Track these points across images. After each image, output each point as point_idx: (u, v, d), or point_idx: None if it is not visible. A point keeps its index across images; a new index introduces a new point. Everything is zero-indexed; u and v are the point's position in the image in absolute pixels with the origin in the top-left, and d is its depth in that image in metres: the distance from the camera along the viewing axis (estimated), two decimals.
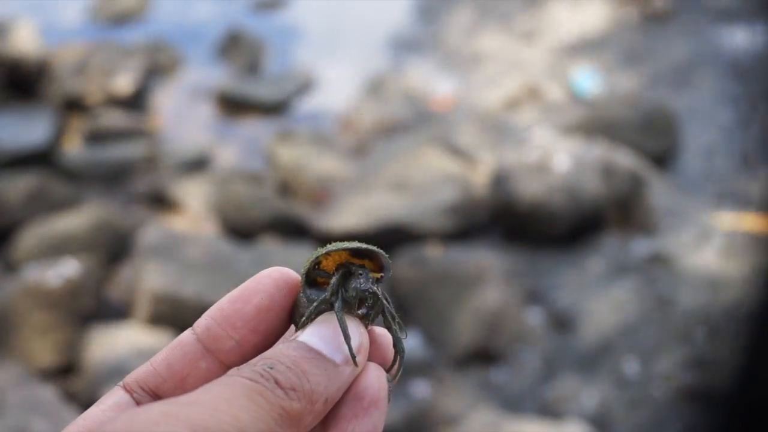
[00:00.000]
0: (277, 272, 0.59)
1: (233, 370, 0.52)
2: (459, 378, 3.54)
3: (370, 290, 0.58)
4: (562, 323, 3.72)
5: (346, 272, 0.59)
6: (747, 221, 4.27)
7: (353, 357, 0.55)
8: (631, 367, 3.46)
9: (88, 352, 3.42)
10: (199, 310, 0.59)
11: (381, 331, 0.60)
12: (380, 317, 0.59)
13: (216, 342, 0.57)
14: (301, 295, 0.59)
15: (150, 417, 0.45)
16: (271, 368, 0.51)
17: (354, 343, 0.55)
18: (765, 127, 5.17)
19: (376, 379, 0.55)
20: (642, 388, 3.37)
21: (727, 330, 3.46)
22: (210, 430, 0.45)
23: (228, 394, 0.49)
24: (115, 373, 3.24)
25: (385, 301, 0.59)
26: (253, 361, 0.53)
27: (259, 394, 0.49)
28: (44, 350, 3.54)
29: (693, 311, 3.56)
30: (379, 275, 0.60)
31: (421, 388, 3.43)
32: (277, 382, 0.51)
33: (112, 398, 0.57)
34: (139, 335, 3.50)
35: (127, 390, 0.57)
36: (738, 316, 3.44)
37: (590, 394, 3.36)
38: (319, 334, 0.55)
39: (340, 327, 0.55)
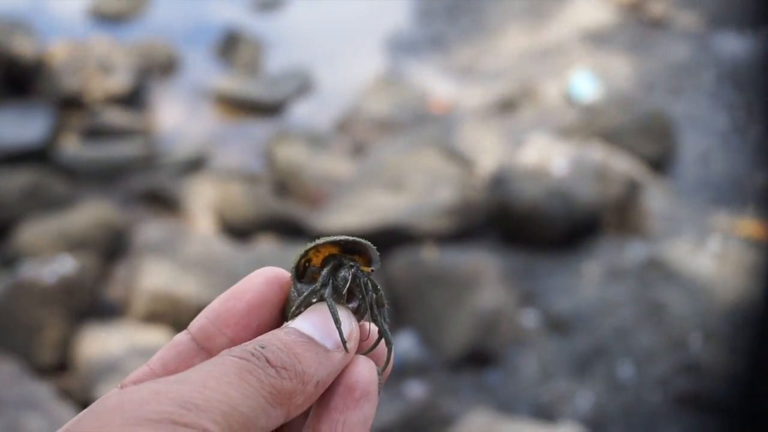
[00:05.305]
0: (269, 270, 0.60)
1: (225, 351, 0.52)
2: (454, 379, 3.54)
3: (359, 279, 0.58)
4: (557, 326, 3.72)
5: (337, 264, 0.60)
6: (743, 226, 4.29)
7: (344, 343, 0.55)
8: (625, 370, 3.47)
9: (84, 350, 3.41)
10: (195, 308, 0.59)
11: (371, 327, 0.60)
12: (369, 310, 0.59)
13: (210, 340, 0.58)
14: (292, 290, 0.59)
15: (140, 396, 0.46)
16: (262, 348, 0.52)
17: (344, 329, 0.56)
18: (761, 133, 5.19)
19: (366, 371, 0.56)
20: (636, 392, 3.37)
21: (723, 335, 3.46)
22: (199, 407, 0.46)
23: (217, 372, 0.49)
24: (110, 370, 3.24)
25: (374, 292, 0.59)
26: (245, 343, 0.53)
27: (250, 372, 0.49)
28: (39, 347, 3.54)
29: (688, 316, 3.57)
30: (369, 269, 0.60)
31: (416, 389, 3.43)
32: (268, 361, 0.51)
33: None
34: (135, 333, 3.50)
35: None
36: (733, 321, 3.45)
37: (585, 397, 3.37)
38: (310, 321, 0.56)
39: (331, 314, 0.56)
